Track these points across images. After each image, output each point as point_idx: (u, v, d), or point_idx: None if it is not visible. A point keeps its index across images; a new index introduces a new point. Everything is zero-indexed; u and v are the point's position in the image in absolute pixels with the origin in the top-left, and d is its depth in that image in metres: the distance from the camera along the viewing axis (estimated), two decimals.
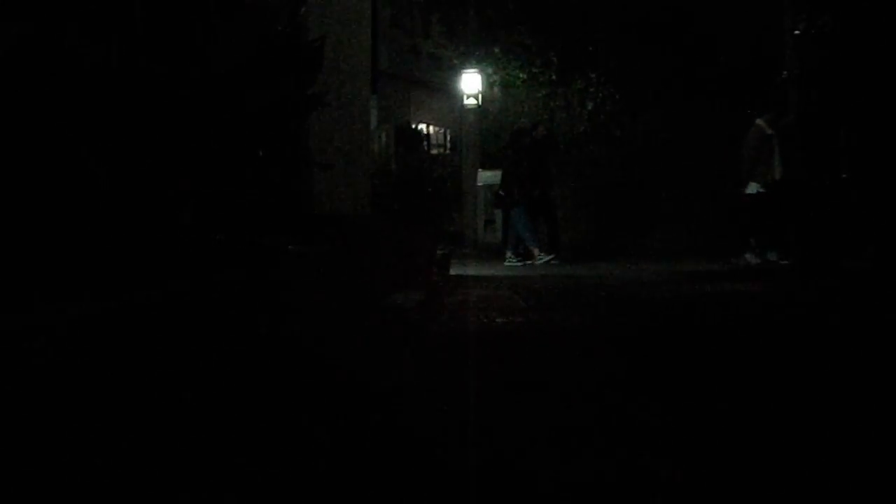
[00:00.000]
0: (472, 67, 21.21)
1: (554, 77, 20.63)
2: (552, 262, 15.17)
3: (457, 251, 18.10)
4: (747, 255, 13.09)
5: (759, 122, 13.31)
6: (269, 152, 5.54)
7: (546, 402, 3.67)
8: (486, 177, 19.72)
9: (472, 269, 13.94)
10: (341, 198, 8.55)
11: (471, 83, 21.06)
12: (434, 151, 34.75)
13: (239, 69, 4.43)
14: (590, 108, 20.14)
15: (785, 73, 12.83)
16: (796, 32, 12.22)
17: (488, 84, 21.87)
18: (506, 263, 15.25)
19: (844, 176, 12.09)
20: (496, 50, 21.57)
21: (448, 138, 34.56)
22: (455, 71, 22.88)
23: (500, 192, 16.22)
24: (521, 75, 21.36)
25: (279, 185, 6.04)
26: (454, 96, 22.94)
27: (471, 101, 21.05)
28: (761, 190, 13.02)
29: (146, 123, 3.46)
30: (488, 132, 22.33)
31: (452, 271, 12.60)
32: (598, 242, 18.68)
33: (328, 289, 5.44)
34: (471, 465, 2.74)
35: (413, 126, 33.93)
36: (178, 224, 4.25)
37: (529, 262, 15.16)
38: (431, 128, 35.77)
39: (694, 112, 18.16)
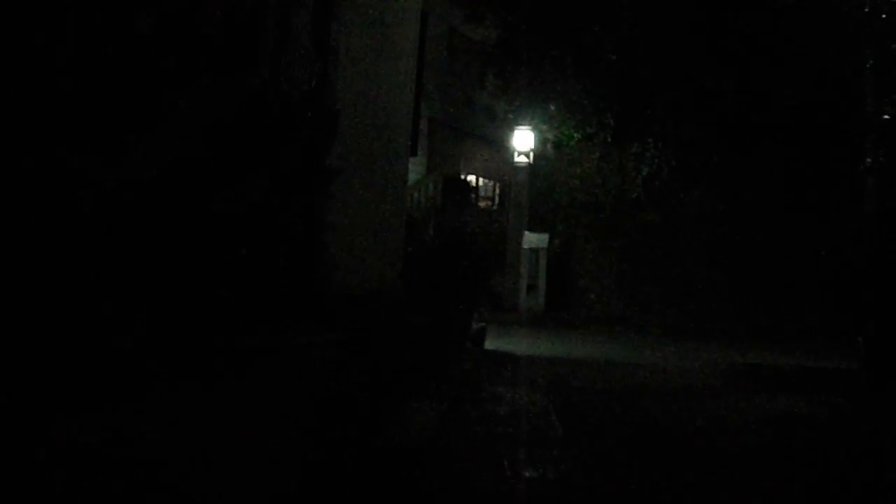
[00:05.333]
0: (525, 124, 20.44)
1: (609, 139, 19.82)
2: None
3: (496, 316, 17.26)
4: None
5: None
6: (273, 235, 4.77)
7: None
8: (533, 239, 18.89)
9: (508, 342, 13.07)
10: (367, 270, 7.75)
11: (522, 140, 20.28)
12: (482, 204, 33.96)
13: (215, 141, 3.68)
14: (644, 173, 19.27)
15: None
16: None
17: (541, 141, 21.08)
18: None
19: None
20: (551, 107, 20.80)
21: (497, 192, 33.74)
22: (508, 125, 22.09)
23: None
24: (574, 135, 20.56)
25: (285, 267, 5.26)
26: (506, 150, 22.09)
27: (521, 159, 20.27)
28: None
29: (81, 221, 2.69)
30: (538, 191, 21.50)
31: (488, 344, 11.78)
32: (646, 315, 17.71)
33: (313, 407, 4.59)
34: None
35: (462, 177, 33.15)
36: (128, 339, 3.47)
37: None
38: (481, 180, 35.00)
39: (756, 182, 17.36)
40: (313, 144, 4.88)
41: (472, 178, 34.37)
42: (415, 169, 29.15)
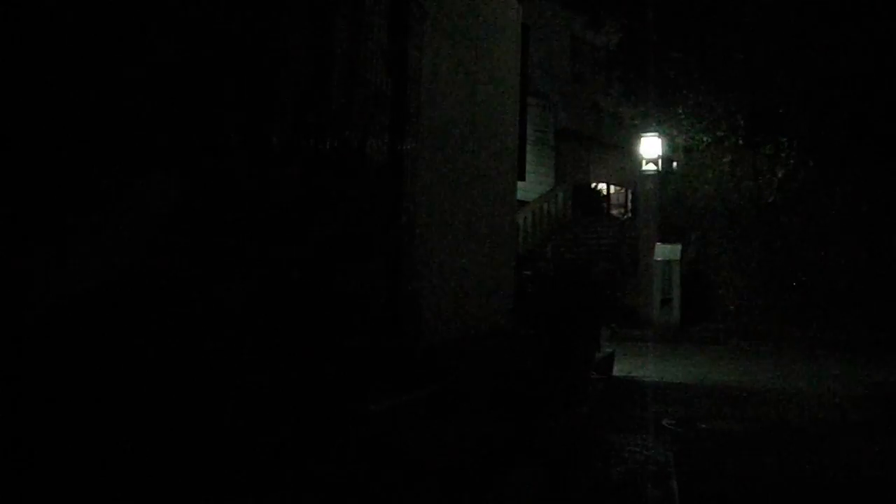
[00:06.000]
0: (651, 129, 19.66)
1: (740, 142, 18.89)
2: None
3: (630, 332, 16.62)
4: None
5: None
6: (346, 300, 4.40)
7: None
8: (665, 251, 18.10)
9: (639, 364, 12.39)
10: (472, 311, 7.30)
11: (650, 147, 19.48)
12: (614, 212, 33.24)
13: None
14: (780, 175, 18.29)
15: None
16: None
17: (670, 147, 20.28)
18: None
19: None
20: (679, 111, 19.97)
21: (629, 198, 32.91)
22: (636, 130, 21.29)
23: None
24: (704, 139, 19.70)
25: (368, 328, 4.89)
26: (635, 156, 21.23)
27: (650, 167, 19.48)
28: None
29: None
30: (669, 198, 20.69)
31: (617, 368, 11.15)
32: (787, 327, 16.73)
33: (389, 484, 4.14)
34: None
35: (592, 185, 32.51)
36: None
37: None
38: (612, 187, 34.25)
39: None
40: (379, 196, 4.48)
41: (602, 185, 33.67)
42: (544, 180, 28.72)
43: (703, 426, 7.37)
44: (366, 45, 4.77)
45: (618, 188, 34.44)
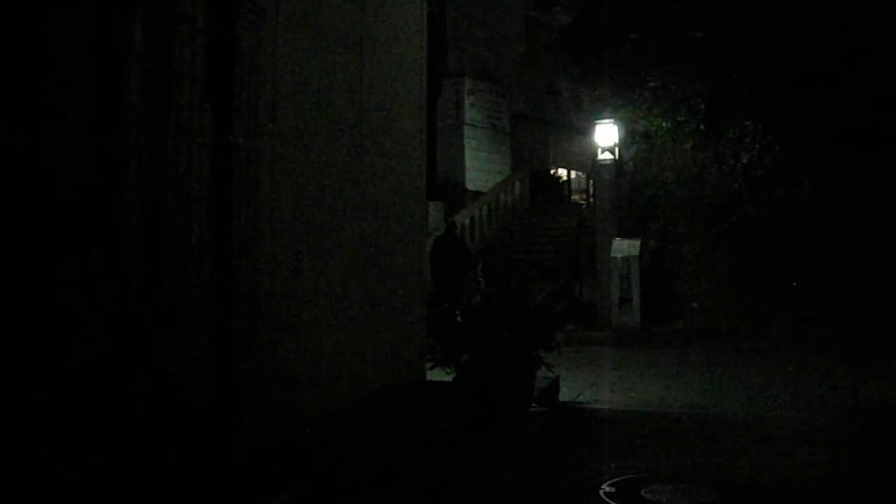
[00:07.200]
0: (607, 116, 18.38)
1: (702, 126, 17.69)
2: None
3: (587, 335, 15.48)
4: None
5: None
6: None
7: None
8: (623, 247, 16.88)
9: (592, 379, 11.17)
10: (368, 366, 6.03)
11: (606, 135, 18.22)
12: (575, 198, 32.05)
13: None
14: (744, 162, 17.11)
15: None
16: None
17: (628, 133, 19.05)
18: None
19: None
20: (636, 95, 18.77)
21: (591, 184, 31.70)
22: (593, 115, 19.97)
23: None
24: (663, 124, 18.49)
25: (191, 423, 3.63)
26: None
27: (605, 156, 18.22)
28: None
29: None
30: (628, 187, 19.49)
31: (566, 388, 9.87)
32: (755, 325, 15.60)
33: None
34: None
35: (551, 171, 31.29)
36: None
37: None
38: (572, 172, 33.00)
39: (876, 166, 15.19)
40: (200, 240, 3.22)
41: (562, 171, 32.39)
42: (501, 168, 27.45)
43: (650, 497, 5.87)
44: (177, 56, 3.49)
45: (578, 173, 33.24)
